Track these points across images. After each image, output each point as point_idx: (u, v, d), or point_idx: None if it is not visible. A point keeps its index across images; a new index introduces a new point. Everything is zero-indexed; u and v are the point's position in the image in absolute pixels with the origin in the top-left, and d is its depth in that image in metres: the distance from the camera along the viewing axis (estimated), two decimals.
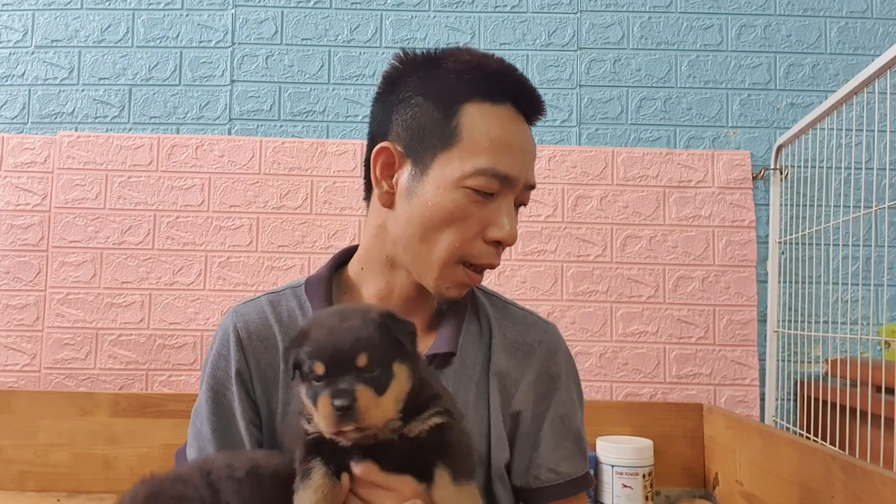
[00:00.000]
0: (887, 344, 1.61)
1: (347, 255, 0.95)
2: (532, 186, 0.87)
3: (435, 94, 0.83)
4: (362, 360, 0.64)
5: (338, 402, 0.62)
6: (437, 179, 0.81)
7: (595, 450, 1.58)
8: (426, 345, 0.89)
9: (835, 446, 1.43)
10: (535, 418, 0.91)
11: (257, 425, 0.86)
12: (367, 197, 0.92)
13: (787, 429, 1.72)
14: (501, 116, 0.82)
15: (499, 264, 0.86)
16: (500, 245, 0.84)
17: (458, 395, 0.87)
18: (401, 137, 0.84)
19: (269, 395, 0.86)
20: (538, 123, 0.90)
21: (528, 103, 0.86)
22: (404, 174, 0.84)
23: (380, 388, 0.64)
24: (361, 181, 0.93)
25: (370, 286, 0.90)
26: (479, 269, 0.85)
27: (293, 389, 0.67)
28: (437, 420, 0.69)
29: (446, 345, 0.87)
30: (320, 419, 0.63)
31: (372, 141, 0.89)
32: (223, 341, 0.88)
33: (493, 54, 0.86)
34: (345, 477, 0.68)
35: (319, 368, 0.64)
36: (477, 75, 0.83)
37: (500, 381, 0.89)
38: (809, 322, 1.75)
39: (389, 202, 0.86)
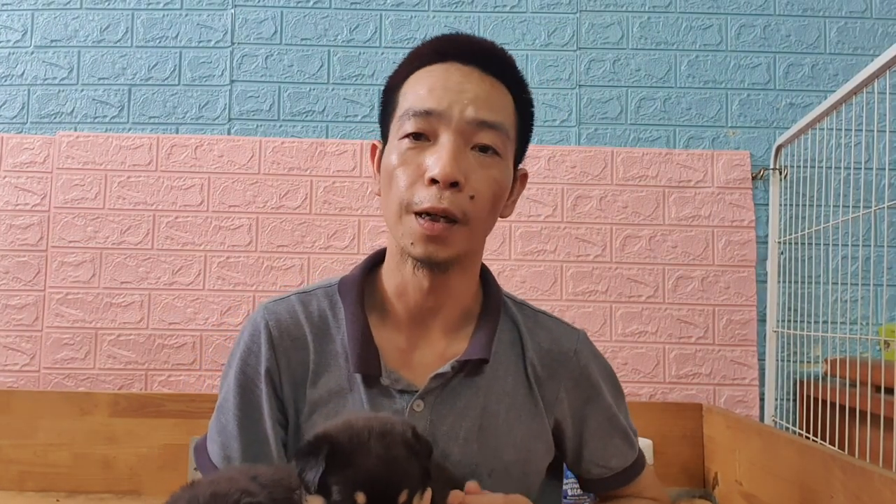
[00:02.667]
0: (887, 344, 1.62)
1: (381, 256, 0.94)
2: (486, 123, 0.81)
3: (395, 80, 0.88)
4: (403, 497, 0.63)
5: None
6: (389, 146, 0.85)
7: None
8: (456, 350, 0.88)
9: (834, 446, 1.43)
10: (576, 423, 0.93)
11: (283, 425, 0.86)
12: None
13: (787, 429, 1.72)
14: (435, 71, 0.83)
15: (447, 208, 0.78)
16: (439, 185, 0.78)
17: (489, 406, 0.87)
18: (382, 131, 0.90)
19: (296, 394, 0.85)
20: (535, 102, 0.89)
21: (472, 56, 0.83)
22: None
23: None
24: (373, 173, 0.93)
25: (390, 283, 0.89)
26: (430, 217, 0.79)
27: (303, 498, 0.65)
28: None
29: (479, 351, 0.86)
30: None
31: None
32: (254, 337, 0.87)
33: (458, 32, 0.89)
34: None
35: (361, 499, 0.62)
36: (422, 47, 0.87)
37: (540, 390, 0.90)
38: (809, 322, 1.75)
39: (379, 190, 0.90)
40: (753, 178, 1.84)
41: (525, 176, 0.94)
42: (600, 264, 1.82)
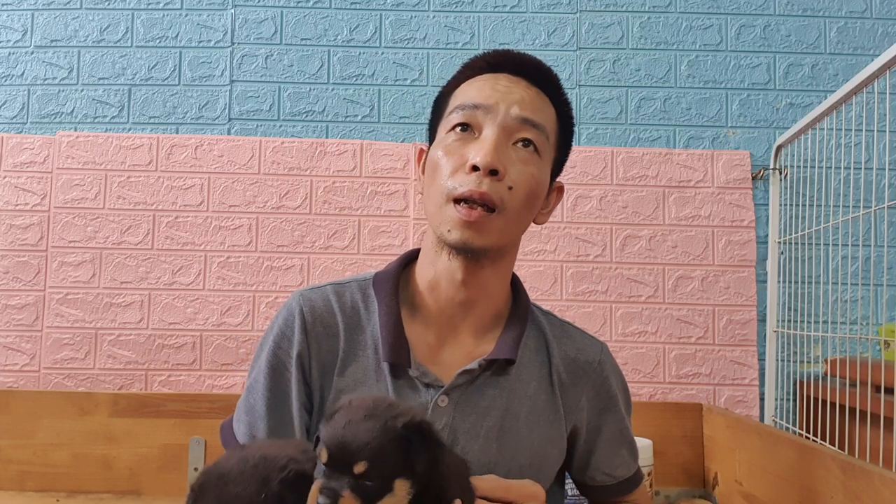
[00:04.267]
0: (887, 344, 1.61)
1: (415, 254, 0.97)
2: (529, 121, 0.85)
3: (447, 89, 0.93)
4: (359, 468, 0.63)
5: (321, 500, 0.62)
6: (435, 143, 0.89)
7: None
8: (484, 350, 0.90)
9: (834, 446, 1.43)
10: (590, 431, 0.96)
11: (309, 410, 0.88)
12: None
13: (787, 429, 1.72)
14: (486, 78, 0.89)
15: (486, 192, 0.81)
16: (479, 172, 0.81)
17: (512, 407, 0.88)
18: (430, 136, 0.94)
19: (324, 380, 0.87)
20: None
21: (522, 69, 0.89)
22: None
23: (368, 499, 0.63)
24: (416, 175, 0.98)
25: (424, 278, 0.91)
26: (469, 203, 0.81)
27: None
28: None
29: (506, 352, 0.88)
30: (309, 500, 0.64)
31: None
32: (288, 322, 0.89)
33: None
34: None
35: (324, 456, 0.64)
36: (475, 60, 0.91)
37: (563, 396, 0.93)
38: (809, 322, 1.75)
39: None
40: (753, 178, 1.84)
41: (561, 189, 0.98)
42: (600, 264, 1.82)
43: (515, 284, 0.97)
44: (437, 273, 0.89)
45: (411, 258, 0.96)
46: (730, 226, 1.82)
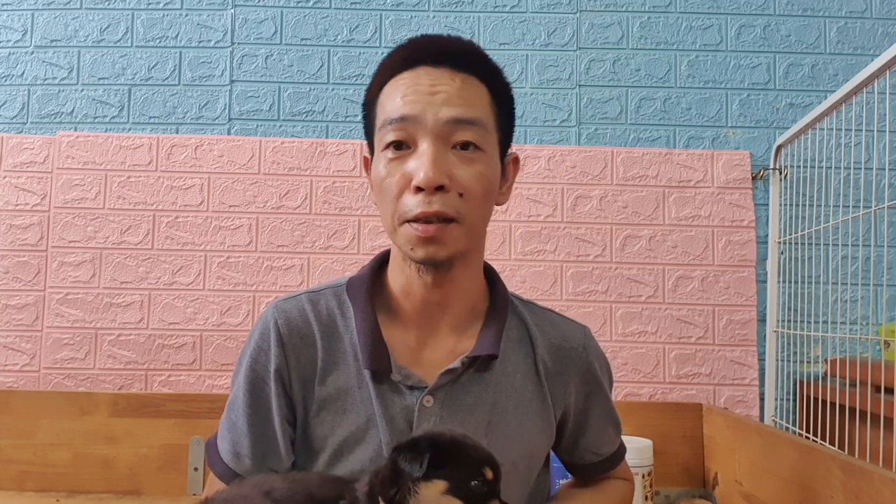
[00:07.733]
0: (887, 344, 1.62)
1: (388, 256, 0.95)
2: (462, 121, 0.81)
3: (371, 94, 0.90)
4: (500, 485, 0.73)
5: None
6: (375, 157, 0.87)
7: None
8: (465, 347, 0.89)
9: (834, 446, 1.43)
10: (578, 414, 0.96)
11: (291, 423, 0.87)
12: None
13: (787, 428, 1.72)
14: (406, 78, 0.84)
15: (439, 210, 0.79)
16: (425, 192, 0.79)
17: (499, 402, 0.88)
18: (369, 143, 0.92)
19: (305, 391, 0.87)
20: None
21: (440, 54, 0.83)
22: None
23: None
24: (368, 183, 0.94)
25: (396, 284, 0.90)
26: (423, 221, 0.80)
27: (414, 485, 0.69)
28: None
29: (488, 347, 0.87)
30: None
31: None
32: (263, 336, 0.88)
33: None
34: None
35: (489, 474, 0.71)
36: (390, 58, 0.88)
37: (549, 385, 0.92)
38: (809, 322, 1.75)
39: None
40: (753, 178, 1.84)
41: (516, 160, 0.94)
42: (600, 264, 1.82)
43: (491, 276, 0.96)
44: (408, 279, 0.88)
45: (383, 261, 0.94)
46: (730, 226, 1.82)
